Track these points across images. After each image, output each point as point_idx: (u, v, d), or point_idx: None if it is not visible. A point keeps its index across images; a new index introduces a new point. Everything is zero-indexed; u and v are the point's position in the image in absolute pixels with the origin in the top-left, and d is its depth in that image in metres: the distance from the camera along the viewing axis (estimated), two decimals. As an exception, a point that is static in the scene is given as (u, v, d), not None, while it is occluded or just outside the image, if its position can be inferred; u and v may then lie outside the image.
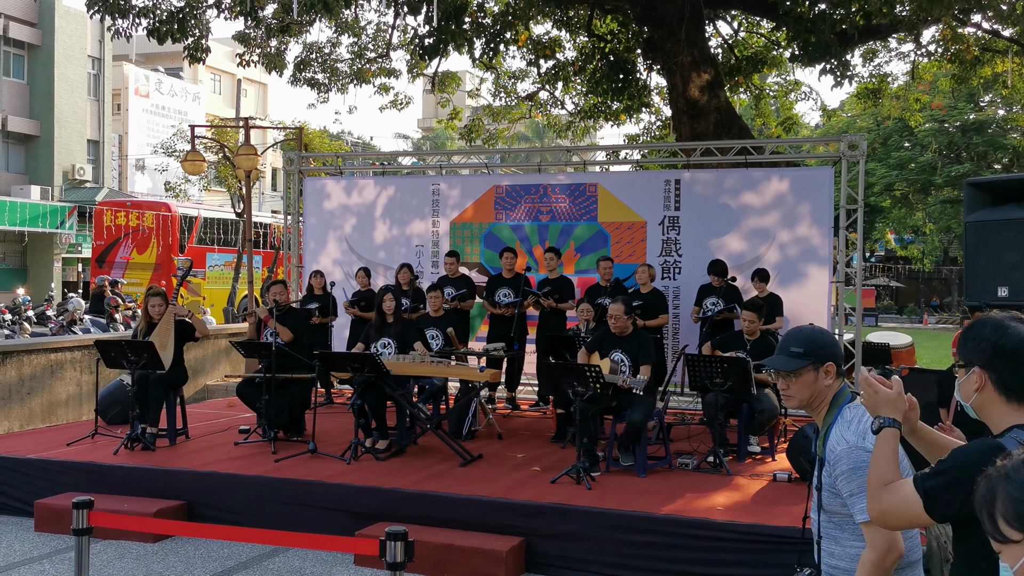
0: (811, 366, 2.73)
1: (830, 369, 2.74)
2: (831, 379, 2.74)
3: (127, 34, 11.35)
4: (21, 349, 10.00)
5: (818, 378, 2.74)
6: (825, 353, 2.74)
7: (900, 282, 47.68)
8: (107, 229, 23.08)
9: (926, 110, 28.46)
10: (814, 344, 2.76)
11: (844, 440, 2.62)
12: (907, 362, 12.58)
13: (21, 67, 31.64)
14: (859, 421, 2.67)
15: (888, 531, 2.49)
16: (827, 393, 2.76)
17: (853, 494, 2.57)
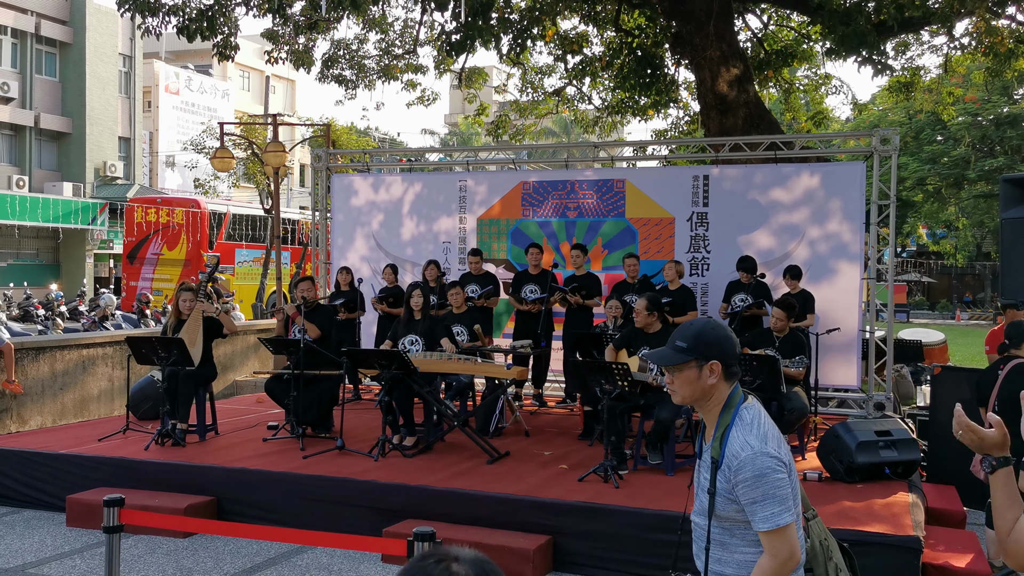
0: (694, 362, 2.60)
1: (715, 368, 2.59)
2: (716, 378, 2.59)
3: (157, 32, 11.45)
4: (54, 345, 10.12)
5: (701, 376, 2.60)
6: (711, 351, 2.60)
7: (932, 277, 47.12)
8: (138, 225, 23.35)
9: (959, 103, 28.08)
10: (700, 340, 2.61)
11: (748, 445, 2.50)
12: (939, 359, 12.42)
13: (53, 65, 32.04)
14: (759, 424, 2.57)
15: (791, 539, 2.44)
16: (715, 392, 2.62)
17: (755, 501, 2.46)
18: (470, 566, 1.28)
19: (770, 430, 2.58)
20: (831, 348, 9.47)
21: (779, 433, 2.62)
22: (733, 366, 2.64)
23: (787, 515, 2.45)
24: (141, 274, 23.09)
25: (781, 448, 2.55)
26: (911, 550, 5.32)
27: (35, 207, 29.04)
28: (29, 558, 6.10)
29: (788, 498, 2.47)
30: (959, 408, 2.38)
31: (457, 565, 1.28)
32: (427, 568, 1.28)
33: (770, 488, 2.45)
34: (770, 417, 2.67)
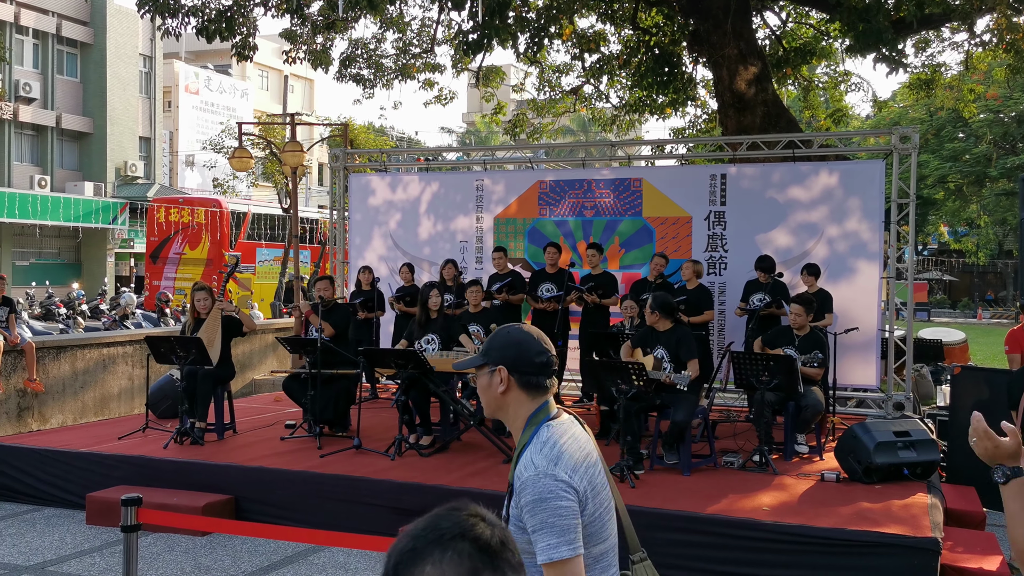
0: (486, 367, 2.33)
1: (501, 373, 2.30)
2: (505, 386, 2.30)
3: (177, 33, 11.53)
4: (75, 344, 10.21)
5: (492, 383, 2.32)
6: (498, 355, 2.32)
7: (953, 276, 46.74)
8: (160, 225, 23.56)
9: (980, 100, 27.82)
10: (493, 343, 2.36)
11: (532, 465, 2.18)
12: (960, 359, 12.33)
13: (74, 65, 32.30)
14: (555, 443, 2.22)
15: (571, 575, 2.12)
16: (510, 404, 2.32)
17: (536, 530, 2.13)
18: (494, 528, 1.29)
19: (567, 452, 2.22)
20: (850, 347, 9.41)
21: (586, 458, 2.26)
22: (530, 376, 2.31)
23: (565, 549, 2.11)
24: (164, 273, 23.31)
25: (577, 474, 2.20)
26: (929, 552, 5.28)
27: (57, 207, 29.30)
28: (49, 556, 6.16)
29: (571, 530, 2.13)
30: (978, 415, 2.33)
31: (485, 525, 1.29)
32: (461, 519, 1.30)
33: (549, 516, 2.13)
34: (585, 440, 2.32)
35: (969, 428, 2.31)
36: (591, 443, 2.35)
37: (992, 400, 7.67)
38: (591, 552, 2.23)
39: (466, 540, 1.27)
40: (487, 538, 1.28)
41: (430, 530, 1.29)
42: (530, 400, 2.32)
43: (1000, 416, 7.29)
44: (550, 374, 2.34)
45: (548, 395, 2.34)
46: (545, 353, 2.34)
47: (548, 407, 2.32)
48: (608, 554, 2.29)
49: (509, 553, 1.28)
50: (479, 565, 1.25)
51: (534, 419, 2.30)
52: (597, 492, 2.25)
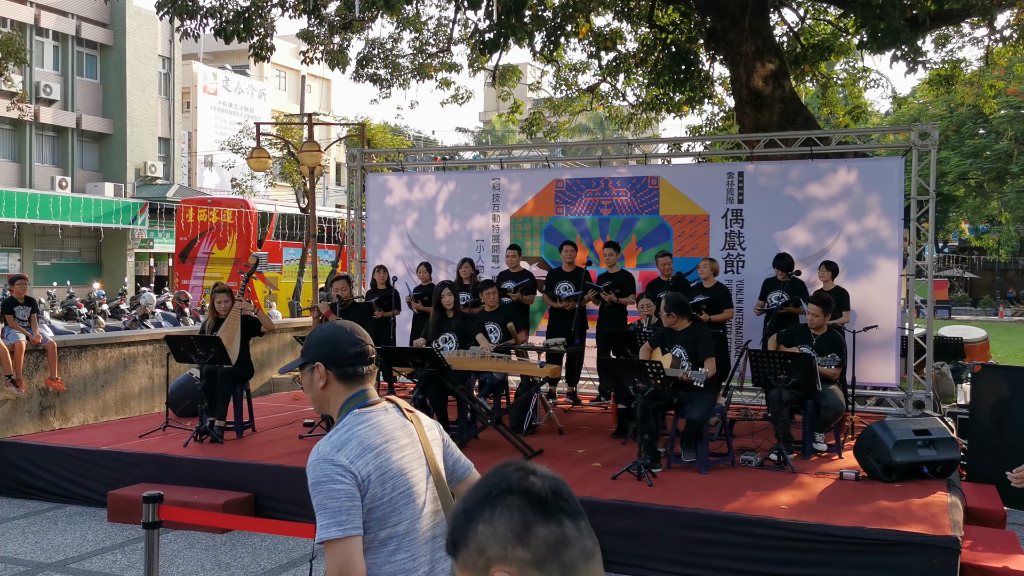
0: (307, 366, 2.47)
1: (319, 370, 2.43)
2: (324, 381, 2.42)
3: (195, 34, 11.60)
4: (96, 343, 10.30)
5: (313, 380, 2.45)
6: (315, 352, 2.45)
7: (975, 273, 46.37)
8: (189, 225, 23.85)
9: (1001, 96, 27.55)
10: (309, 342, 2.50)
11: (317, 451, 2.31)
12: (981, 357, 12.25)
13: (94, 67, 32.56)
14: (348, 430, 2.34)
15: (339, 558, 2.21)
16: (332, 397, 2.45)
17: (316, 511, 2.26)
18: (545, 480, 1.29)
19: (357, 438, 2.33)
20: (869, 345, 9.36)
21: (384, 444, 2.35)
22: (346, 367, 2.44)
23: (335, 529, 2.22)
24: (192, 273, 23.57)
25: (362, 459, 2.29)
26: (949, 550, 5.25)
27: (77, 207, 29.55)
28: (71, 553, 6.23)
29: (343, 512, 2.24)
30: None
31: (534, 478, 1.29)
32: (507, 474, 1.29)
33: (324, 498, 2.24)
34: (394, 427, 2.42)
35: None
36: (406, 430, 2.44)
37: (1013, 398, 7.62)
38: (378, 535, 2.32)
39: (514, 494, 1.26)
40: (537, 489, 1.27)
41: (478, 490, 1.29)
42: (346, 390, 2.44)
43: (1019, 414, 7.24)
44: (366, 363, 2.47)
45: (364, 383, 2.45)
46: (359, 344, 2.46)
47: (363, 395, 2.44)
48: (401, 538, 2.35)
49: (564, 502, 1.28)
50: (530, 517, 1.24)
51: (345, 407, 2.42)
52: (390, 477, 2.32)
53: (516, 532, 1.22)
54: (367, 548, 2.31)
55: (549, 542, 1.22)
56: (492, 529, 1.23)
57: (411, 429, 2.46)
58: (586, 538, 1.26)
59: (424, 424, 2.52)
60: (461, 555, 1.26)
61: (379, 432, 2.37)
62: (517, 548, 1.22)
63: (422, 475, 2.43)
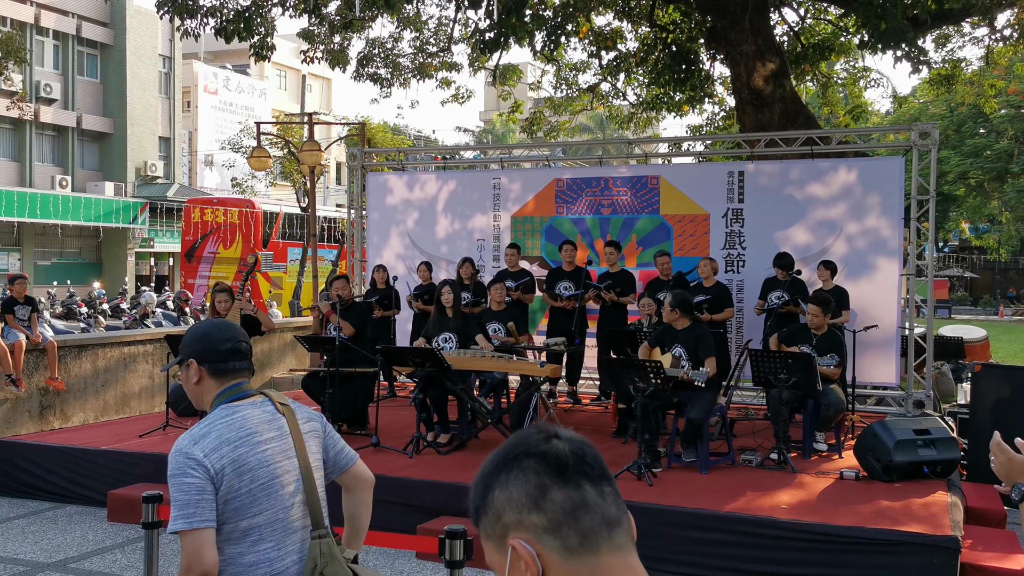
0: (183, 363, 2.57)
1: (192, 366, 2.54)
2: (198, 377, 2.54)
3: (195, 33, 11.60)
4: (96, 342, 10.30)
5: (188, 376, 2.56)
6: (187, 351, 2.56)
7: (975, 272, 46.36)
8: (195, 225, 23.95)
9: (1001, 96, 27.53)
10: (184, 340, 2.60)
11: (177, 442, 2.40)
12: (981, 356, 12.24)
13: (95, 66, 32.56)
14: (210, 424, 2.43)
15: (189, 548, 2.27)
16: (207, 393, 2.55)
17: (170, 500, 2.34)
18: (568, 443, 1.23)
19: (216, 432, 2.41)
20: (869, 345, 9.36)
21: (244, 438, 2.43)
22: (218, 363, 2.53)
23: (182, 522, 2.29)
24: (199, 272, 23.65)
25: (217, 453, 2.37)
26: (949, 550, 5.25)
27: (77, 206, 29.55)
28: (71, 552, 6.23)
29: (191, 504, 2.30)
30: (996, 435, 2.30)
31: (556, 440, 1.24)
32: (527, 437, 1.25)
33: (175, 490, 2.32)
34: (259, 421, 2.49)
35: (990, 445, 2.28)
36: (274, 424, 2.51)
37: (1013, 398, 7.62)
38: (239, 526, 2.38)
39: (531, 457, 1.20)
40: (556, 451, 1.21)
41: (497, 455, 1.24)
42: (218, 385, 2.54)
43: (1020, 414, 7.24)
44: (239, 359, 2.57)
45: (237, 378, 2.56)
46: (230, 341, 2.56)
47: (235, 390, 2.53)
48: (263, 528, 2.42)
49: (587, 465, 1.21)
50: (547, 480, 1.18)
51: (216, 401, 2.52)
52: (248, 470, 2.39)
53: (532, 496, 1.17)
54: (228, 538, 2.37)
55: (566, 507, 1.17)
56: (508, 494, 1.18)
57: (282, 423, 2.53)
58: (610, 505, 1.20)
59: (299, 417, 2.59)
60: (482, 523, 1.22)
61: (242, 426, 2.44)
62: (532, 513, 1.16)
63: (289, 467, 2.49)
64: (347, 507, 2.79)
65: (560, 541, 1.15)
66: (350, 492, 2.79)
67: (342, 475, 2.73)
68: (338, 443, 2.73)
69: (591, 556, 1.15)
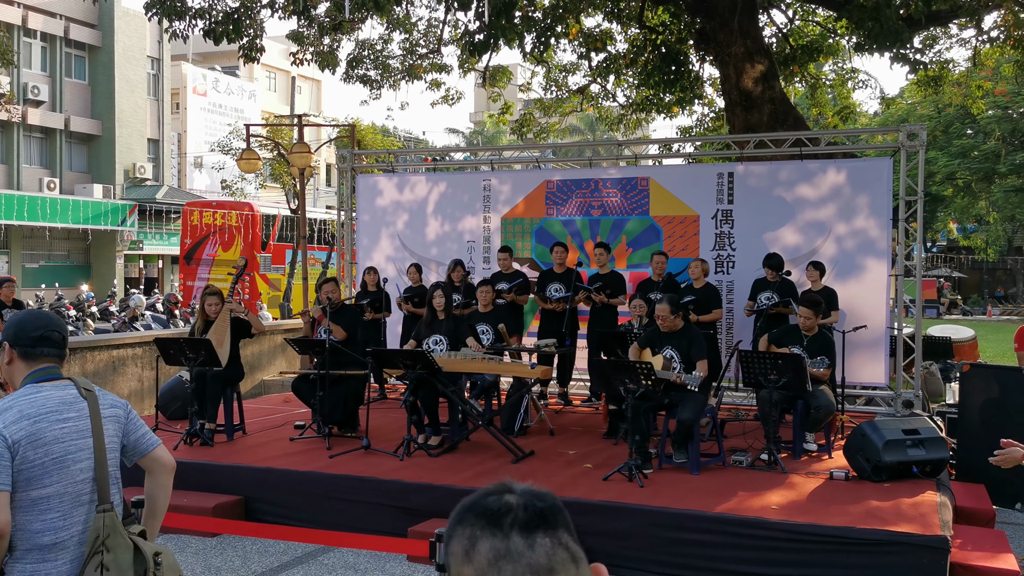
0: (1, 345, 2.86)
1: (5, 347, 2.84)
2: (8, 358, 2.83)
3: (184, 35, 11.56)
4: (85, 346, 10.26)
5: (3, 357, 2.85)
6: (4, 334, 2.85)
7: (963, 272, 46.58)
8: (194, 228, 23.97)
9: (988, 97, 27.68)
10: (5, 325, 2.90)
11: None
12: (969, 356, 12.30)
13: (83, 68, 32.42)
14: (11, 400, 2.70)
15: None
16: (16, 374, 2.83)
17: None
18: (519, 496, 1.26)
19: (17, 407, 2.67)
20: (858, 345, 9.40)
21: (44, 415, 2.69)
22: (27, 347, 2.81)
23: None
24: (197, 274, 23.65)
25: (16, 425, 2.63)
26: (939, 550, 5.28)
27: (66, 209, 29.40)
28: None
29: None
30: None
31: (508, 494, 1.27)
32: (482, 493, 1.28)
33: None
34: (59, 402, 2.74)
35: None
36: (75, 406, 2.77)
37: (1001, 398, 7.66)
38: (29, 495, 2.64)
39: (473, 510, 1.25)
40: (496, 504, 1.24)
41: (454, 511, 1.29)
42: (27, 367, 2.82)
43: (1009, 414, 7.27)
44: (49, 346, 2.84)
45: (45, 362, 2.83)
46: (42, 329, 2.84)
47: (42, 372, 2.80)
48: (51, 499, 2.67)
49: (527, 517, 1.23)
50: (477, 532, 1.21)
51: (24, 381, 2.80)
52: (43, 444, 2.65)
53: (465, 548, 1.21)
54: (20, 506, 2.62)
55: (489, 557, 1.19)
56: (452, 548, 1.23)
57: (82, 406, 2.79)
58: (539, 555, 1.20)
59: (102, 403, 2.85)
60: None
61: (43, 404, 2.71)
62: (465, 565, 1.20)
63: (83, 446, 2.75)
64: (147, 489, 3.04)
65: None
66: (150, 475, 3.03)
67: (143, 458, 2.98)
68: (140, 429, 2.99)
69: None
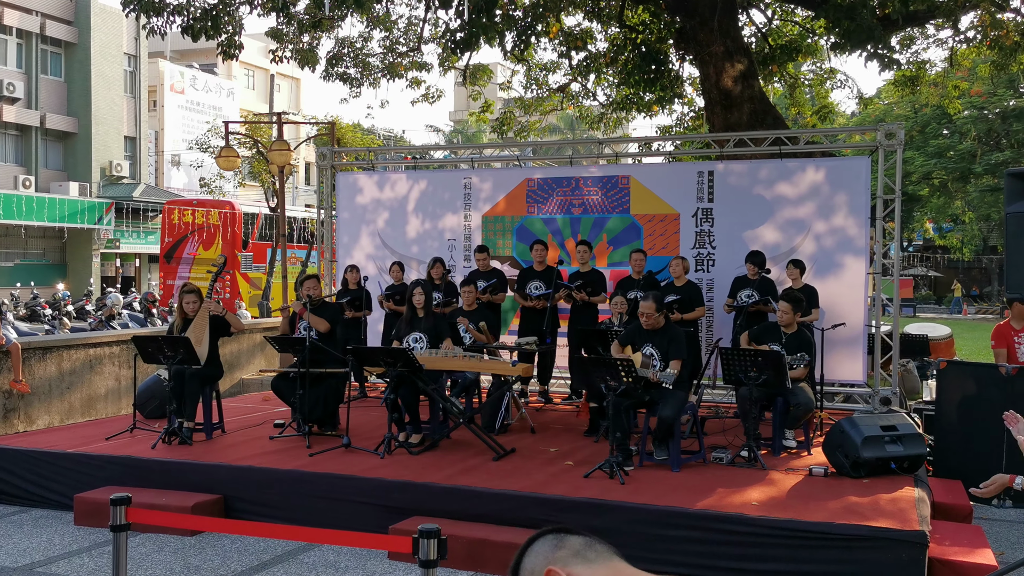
0: None
1: None
2: None
3: (162, 32, 11.47)
4: (61, 344, 10.16)
5: None
6: None
7: (939, 271, 47.02)
8: (174, 226, 23.82)
9: (965, 97, 27.96)
10: None
11: None
12: (946, 354, 12.40)
13: (59, 65, 32.10)
14: None
15: None
16: None
17: None
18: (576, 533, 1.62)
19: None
20: (837, 343, 9.46)
21: None
22: None
23: None
24: (178, 273, 23.50)
25: None
26: (917, 544, 5.32)
27: (41, 207, 29.12)
28: (37, 557, 6.13)
29: None
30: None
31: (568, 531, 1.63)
32: (540, 534, 1.62)
33: None
34: None
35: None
36: None
37: (978, 394, 7.73)
38: None
39: (547, 534, 1.60)
40: (565, 529, 1.61)
41: (522, 546, 1.61)
42: None
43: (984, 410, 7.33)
44: None
45: None
46: None
47: None
48: None
49: (587, 541, 1.59)
50: (560, 535, 1.59)
51: None
52: None
53: (552, 545, 1.57)
54: None
55: (579, 545, 1.57)
56: (532, 559, 1.56)
57: None
58: (605, 545, 1.60)
59: None
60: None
61: None
62: (554, 551, 1.56)
63: None
64: None
65: (583, 558, 1.55)
66: None
67: None
68: None
69: (605, 563, 1.55)
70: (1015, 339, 8.49)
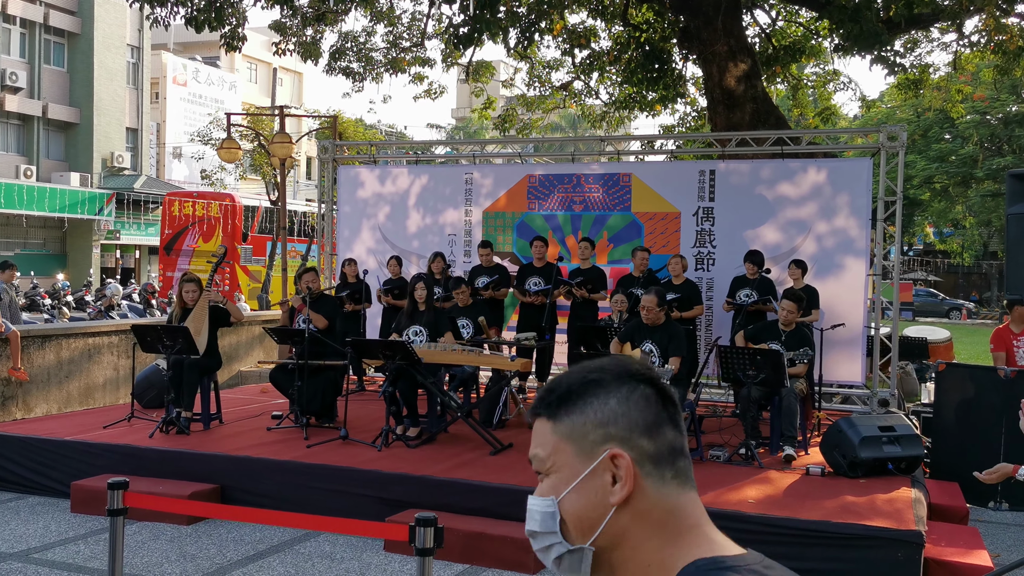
0: None
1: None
2: None
3: (165, 23, 11.45)
4: (60, 333, 10.15)
5: None
6: None
7: (939, 276, 47.02)
8: (175, 218, 23.85)
9: (968, 101, 27.96)
10: None
11: None
12: (944, 357, 12.39)
13: (61, 55, 32.07)
14: None
15: None
16: None
17: None
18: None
19: None
20: (836, 344, 9.46)
21: None
22: None
23: None
24: (177, 265, 23.52)
25: None
26: (913, 544, 5.32)
27: (42, 197, 29.10)
28: (34, 543, 6.14)
29: None
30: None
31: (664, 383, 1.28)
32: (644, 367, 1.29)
33: None
34: None
35: None
36: None
37: (976, 397, 7.74)
38: None
39: (653, 387, 1.26)
40: (671, 393, 1.27)
41: (611, 368, 1.27)
42: None
43: (982, 413, 7.33)
44: None
45: None
46: None
47: None
48: None
49: (681, 418, 1.29)
50: (663, 416, 1.25)
51: None
52: None
53: (648, 424, 1.23)
54: None
55: (672, 446, 1.24)
56: (626, 409, 1.23)
57: None
58: (689, 457, 1.29)
59: None
60: (569, 416, 1.24)
61: None
62: (643, 438, 1.22)
63: None
64: None
65: (658, 472, 1.23)
66: None
67: None
68: None
69: (677, 491, 1.24)
70: (1014, 343, 8.49)
